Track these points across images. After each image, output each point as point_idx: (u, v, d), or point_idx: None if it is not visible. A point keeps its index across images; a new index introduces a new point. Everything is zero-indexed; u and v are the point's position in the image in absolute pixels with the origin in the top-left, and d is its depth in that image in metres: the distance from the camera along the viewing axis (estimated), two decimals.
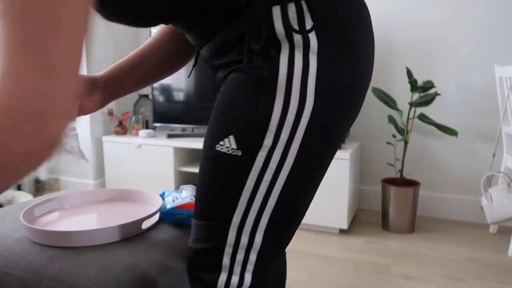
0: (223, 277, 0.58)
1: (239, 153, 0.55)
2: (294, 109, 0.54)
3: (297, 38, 0.53)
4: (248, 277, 0.59)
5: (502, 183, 1.85)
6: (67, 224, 0.91)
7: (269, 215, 0.57)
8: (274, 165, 0.55)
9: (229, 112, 0.57)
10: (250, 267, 0.59)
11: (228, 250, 0.58)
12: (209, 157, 0.58)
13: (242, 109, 0.55)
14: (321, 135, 0.56)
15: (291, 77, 0.53)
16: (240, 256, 0.58)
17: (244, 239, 0.58)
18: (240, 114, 0.56)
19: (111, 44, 2.78)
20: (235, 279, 0.58)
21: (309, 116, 0.54)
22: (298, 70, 0.53)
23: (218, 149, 0.57)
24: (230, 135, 0.56)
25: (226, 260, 0.58)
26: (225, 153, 0.56)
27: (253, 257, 0.58)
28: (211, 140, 0.58)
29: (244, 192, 0.56)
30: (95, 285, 0.69)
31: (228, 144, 0.56)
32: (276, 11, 0.53)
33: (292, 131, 0.54)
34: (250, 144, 0.55)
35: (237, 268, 0.58)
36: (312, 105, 0.54)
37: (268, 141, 0.55)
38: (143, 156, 2.54)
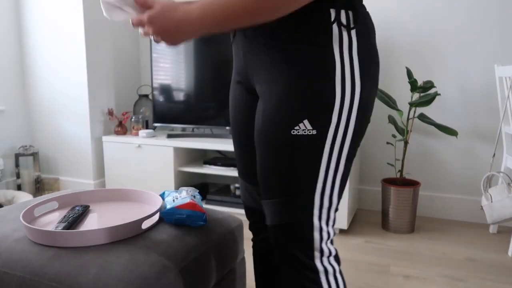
0: (316, 235, 0.72)
1: (314, 132, 0.68)
2: (349, 92, 0.69)
3: (345, 34, 0.68)
4: (331, 231, 0.75)
5: (502, 183, 1.85)
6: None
7: (340, 179, 0.73)
8: (341, 136, 0.70)
9: (297, 102, 0.68)
10: (331, 222, 0.74)
11: (316, 212, 0.72)
12: (284, 143, 0.70)
13: (311, 97, 0.68)
14: (366, 112, 0.72)
15: (343, 68, 0.68)
16: (324, 216, 0.73)
17: (326, 202, 0.72)
18: (310, 101, 0.68)
19: (111, 46, 2.79)
20: (325, 235, 0.73)
21: (359, 97, 0.70)
22: (347, 62, 0.68)
23: (294, 133, 0.69)
24: (304, 119, 0.68)
25: (316, 221, 0.72)
26: (302, 134, 0.68)
27: (332, 214, 0.74)
28: (284, 128, 0.69)
29: (322, 163, 0.70)
30: (95, 285, 0.69)
31: (304, 127, 0.68)
32: (332, 12, 0.67)
33: (350, 108, 0.69)
34: (322, 122, 0.68)
35: (324, 225, 0.73)
36: (360, 89, 0.69)
37: (334, 117, 0.68)
38: (143, 156, 2.54)
